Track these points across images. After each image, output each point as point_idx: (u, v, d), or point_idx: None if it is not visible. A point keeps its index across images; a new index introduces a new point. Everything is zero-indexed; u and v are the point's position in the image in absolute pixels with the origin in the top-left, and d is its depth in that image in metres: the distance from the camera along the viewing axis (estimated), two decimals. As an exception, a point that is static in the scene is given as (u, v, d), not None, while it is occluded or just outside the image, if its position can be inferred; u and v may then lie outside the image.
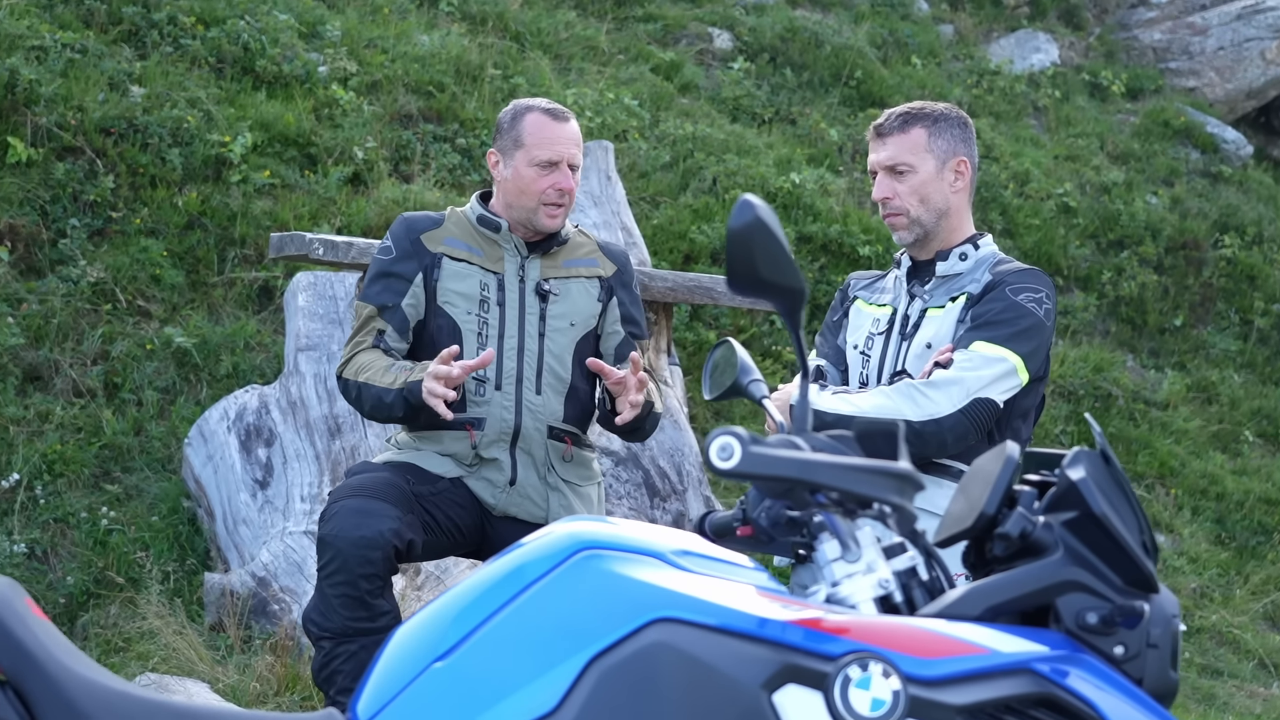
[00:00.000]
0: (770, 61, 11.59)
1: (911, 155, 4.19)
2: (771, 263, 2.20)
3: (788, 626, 2.27)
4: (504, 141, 4.56)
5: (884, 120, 4.26)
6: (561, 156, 4.50)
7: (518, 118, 4.56)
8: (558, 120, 4.55)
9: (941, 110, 4.24)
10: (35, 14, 8.74)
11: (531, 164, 4.48)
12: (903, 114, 4.24)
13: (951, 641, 2.29)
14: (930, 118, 4.21)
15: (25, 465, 6.98)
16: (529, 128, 4.52)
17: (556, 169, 4.49)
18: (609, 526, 2.44)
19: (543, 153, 4.48)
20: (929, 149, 4.18)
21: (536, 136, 4.50)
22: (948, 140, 4.20)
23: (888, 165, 4.21)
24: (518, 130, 4.52)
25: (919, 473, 2.22)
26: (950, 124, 4.22)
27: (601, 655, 2.27)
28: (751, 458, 2.10)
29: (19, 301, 7.63)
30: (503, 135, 4.57)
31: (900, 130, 4.20)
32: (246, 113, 8.79)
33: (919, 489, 2.23)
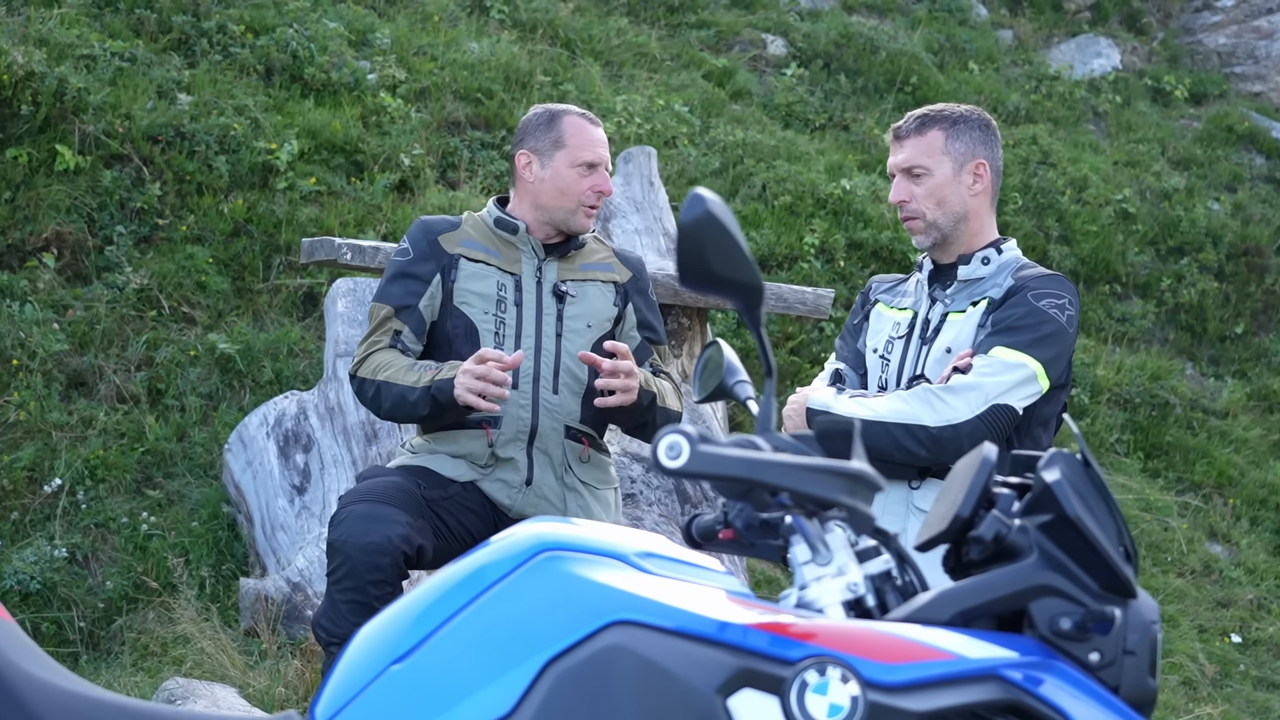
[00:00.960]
0: (824, 67, 11.52)
1: (927, 158, 4.12)
2: (725, 258, 2.15)
3: (747, 630, 2.22)
4: (539, 143, 4.54)
5: (902, 122, 4.20)
6: (602, 159, 4.54)
7: (554, 119, 4.56)
8: (594, 124, 4.60)
9: (961, 112, 4.17)
10: (85, 23, 8.82)
11: (574, 165, 4.49)
12: (920, 116, 4.17)
13: (916, 646, 2.23)
14: (948, 120, 4.14)
15: (68, 471, 7.02)
16: (570, 130, 4.53)
17: (596, 171, 4.52)
18: (572, 528, 2.40)
19: (585, 154, 4.50)
20: (946, 151, 4.11)
21: (579, 139, 4.52)
22: (966, 142, 4.12)
23: (904, 168, 4.15)
24: (557, 132, 4.52)
25: (873, 473, 2.16)
26: (969, 126, 4.15)
27: (558, 658, 2.23)
28: (700, 457, 2.05)
29: (65, 308, 7.68)
30: (537, 136, 4.55)
31: (917, 132, 4.14)
32: (294, 120, 8.82)
33: (874, 490, 2.18)
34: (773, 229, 9.48)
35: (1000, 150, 4.22)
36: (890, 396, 3.98)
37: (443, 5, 10.43)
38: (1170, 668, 7.73)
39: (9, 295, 7.56)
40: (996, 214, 4.28)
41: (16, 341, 7.32)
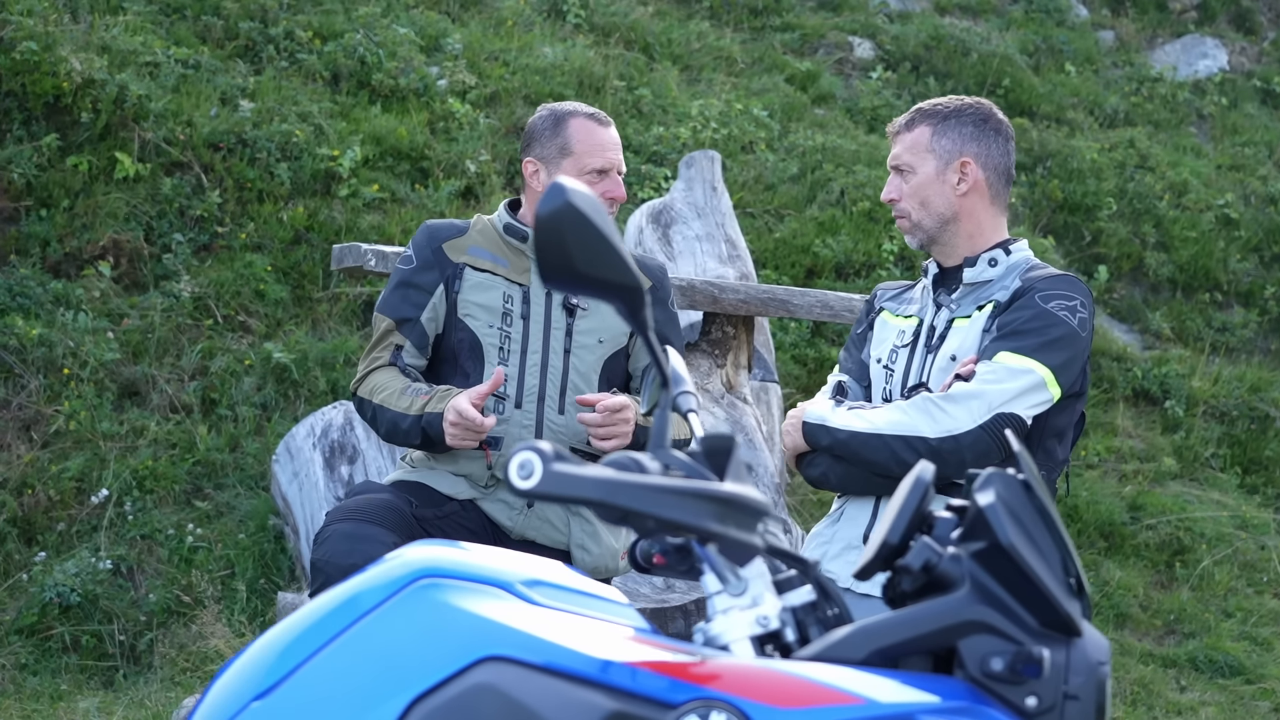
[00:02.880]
0: (913, 70, 11.23)
1: (912, 155, 3.89)
2: (591, 255, 1.93)
3: (628, 670, 1.99)
4: (545, 149, 4.28)
5: (899, 117, 3.97)
6: (612, 164, 4.26)
7: (560, 123, 4.29)
8: (603, 125, 4.30)
9: (956, 106, 3.91)
10: (150, 30, 8.76)
11: (582, 173, 4.21)
12: (914, 111, 3.95)
13: (819, 689, 1.99)
14: (939, 115, 3.89)
15: (115, 481, 6.93)
16: (576, 134, 4.25)
17: (607, 177, 4.25)
18: (458, 553, 2.18)
19: (594, 160, 4.22)
20: (930, 149, 3.87)
21: (586, 143, 4.24)
22: (953, 139, 3.87)
23: (893, 164, 3.93)
24: (563, 137, 4.25)
25: (751, 497, 1.92)
26: (962, 121, 3.89)
27: (424, 696, 2.01)
28: (553, 477, 1.83)
29: (120, 317, 7.60)
30: (543, 142, 4.29)
31: (907, 128, 3.92)
32: (360, 126, 8.71)
33: (756, 514, 1.94)
34: (850, 235, 9.21)
35: (1004, 145, 3.93)
36: (889, 407, 3.73)
37: (517, 10, 10.29)
38: (1262, 693, 7.37)
39: (64, 304, 7.50)
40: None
41: (68, 350, 7.26)
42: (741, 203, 9.25)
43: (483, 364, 4.17)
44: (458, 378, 4.23)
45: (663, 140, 9.37)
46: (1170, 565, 8.31)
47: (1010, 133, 4.00)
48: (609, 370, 4.28)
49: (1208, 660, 7.58)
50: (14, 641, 6.30)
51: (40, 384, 7.17)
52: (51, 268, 7.74)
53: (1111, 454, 9.02)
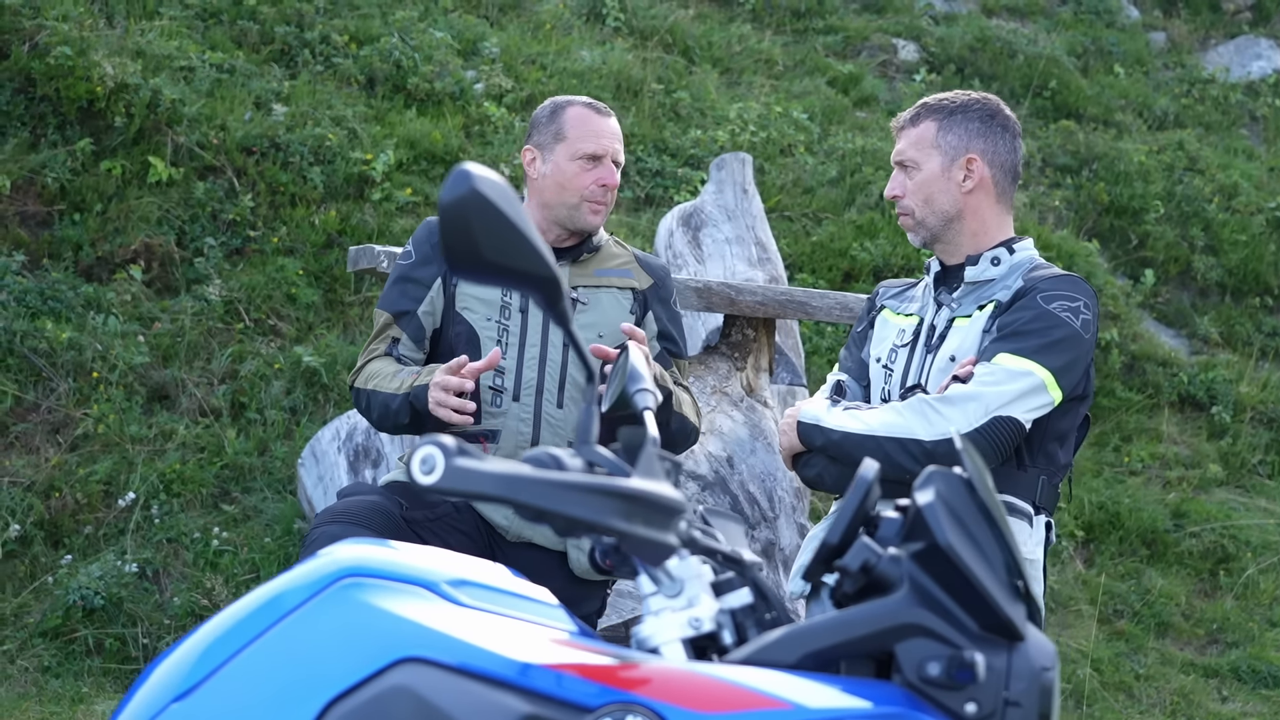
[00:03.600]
0: (957, 72, 11.12)
1: (916, 151, 3.81)
2: (497, 244, 1.87)
3: (548, 673, 1.93)
4: (542, 137, 4.27)
5: (903, 112, 3.89)
6: (606, 150, 4.22)
7: (557, 112, 4.28)
8: (600, 114, 4.28)
9: (963, 101, 3.83)
10: (186, 34, 8.78)
11: (574, 158, 4.20)
12: (919, 106, 3.87)
13: (744, 693, 1.92)
14: (945, 110, 3.81)
15: (143, 485, 6.92)
16: (571, 121, 4.24)
17: (600, 163, 4.21)
18: (384, 551, 2.13)
19: (587, 145, 4.20)
20: (935, 144, 3.79)
21: (580, 130, 4.22)
22: (959, 135, 3.78)
23: (897, 160, 3.85)
24: (558, 124, 4.24)
25: (664, 495, 1.86)
26: (969, 116, 3.80)
27: (340, 699, 1.96)
28: (455, 472, 1.77)
29: (151, 320, 7.61)
30: (540, 131, 4.29)
31: (911, 123, 3.83)
32: (394, 130, 8.69)
33: (671, 513, 1.87)
34: (888, 239, 9.11)
35: (1011, 141, 3.86)
36: (884, 408, 3.65)
37: (556, 13, 10.25)
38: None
39: (95, 307, 7.52)
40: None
41: (98, 354, 7.26)
42: (779, 206, 9.17)
43: (479, 357, 4.13)
44: None
45: (700, 143, 9.31)
46: (1214, 574, 8.17)
47: (1018, 129, 3.92)
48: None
49: (1251, 670, 7.43)
50: (37, 644, 6.30)
51: (69, 387, 7.18)
52: (84, 271, 7.76)
53: (1156, 460, 8.87)
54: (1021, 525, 3.65)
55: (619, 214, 8.84)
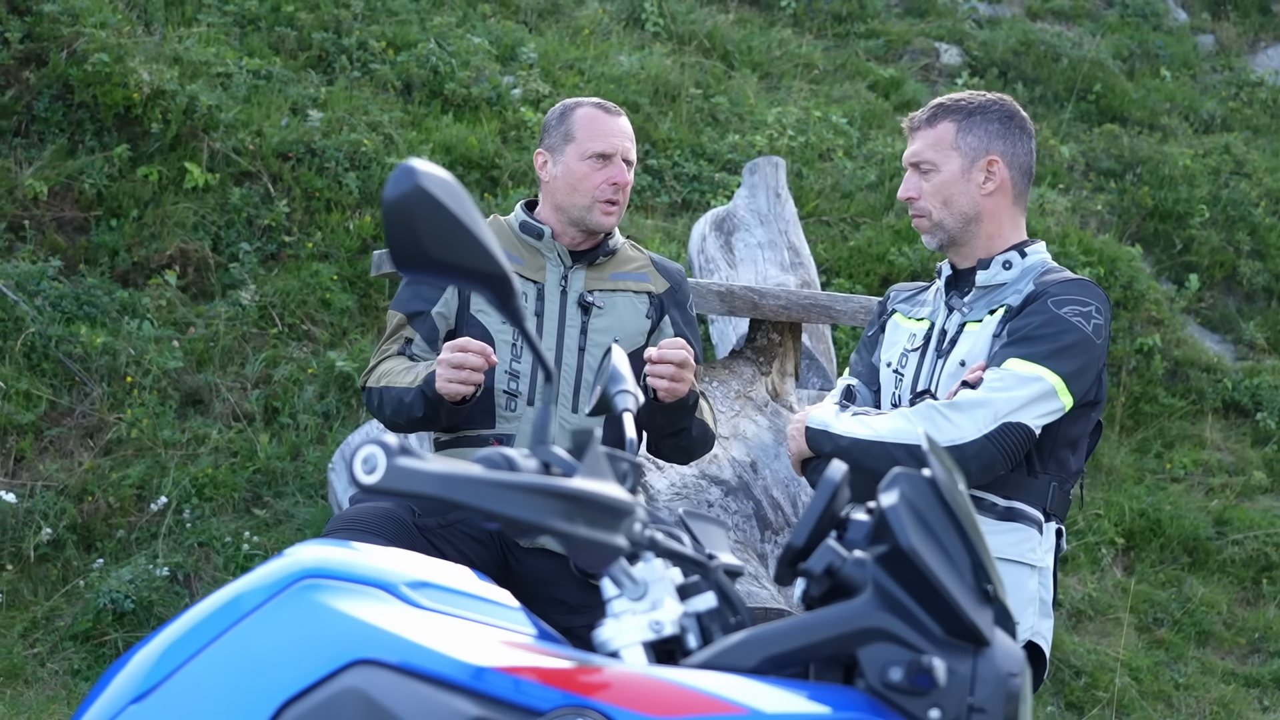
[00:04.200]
0: (1000, 76, 11.04)
1: (935, 152, 3.75)
2: (444, 241, 1.84)
3: (501, 676, 1.91)
4: (552, 139, 4.26)
5: (918, 112, 3.83)
6: (615, 149, 4.19)
7: (566, 113, 4.27)
8: (610, 113, 4.25)
9: (980, 102, 3.77)
10: (224, 41, 8.82)
11: (584, 158, 4.18)
12: (935, 106, 3.80)
13: (699, 697, 1.89)
14: (963, 111, 3.75)
15: (175, 489, 6.95)
16: (580, 121, 4.22)
17: (610, 163, 4.19)
18: (345, 553, 2.11)
19: (596, 145, 4.17)
20: (955, 145, 3.73)
21: (588, 129, 4.20)
22: (979, 136, 3.73)
23: (912, 161, 3.79)
24: (567, 125, 4.23)
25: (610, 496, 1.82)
26: (988, 117, 3.75)
27: (294, 700, 1.95)
28: (396, 472, 1.74)
29: (186, 325, 7.64)
30: (551, 133, 4.28)
31: (928, 124, 3.77)
32: (431, 135, 8.70)
33: (617, 514, 1.84)
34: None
35: (1028, 143, 3.81)
36: (893, 414, 3.60)
37: (595, 19, 10.24)
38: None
39: (130, 312, 7.55)
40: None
41: (131, 359, 7.30)
42: (817, 211, 9.13)
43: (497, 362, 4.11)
44: None
45: (737, 148, 9.28)
46: (1257, 582, 8.06)
47: (1032, 130, 3.88)
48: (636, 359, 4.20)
49: (1293, 680, 7.34)
50: (68, 647, 6.33)
51: (103, 392, 7.22)
52: (119, 277, 7.80)
53: (1198, 467, 8.76)
54: (1030, 533, 3.61)
55: (655, 219, 8.82)
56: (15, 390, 7.07)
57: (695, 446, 4.23)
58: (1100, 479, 8.53)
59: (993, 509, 3.60)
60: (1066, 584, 7.77)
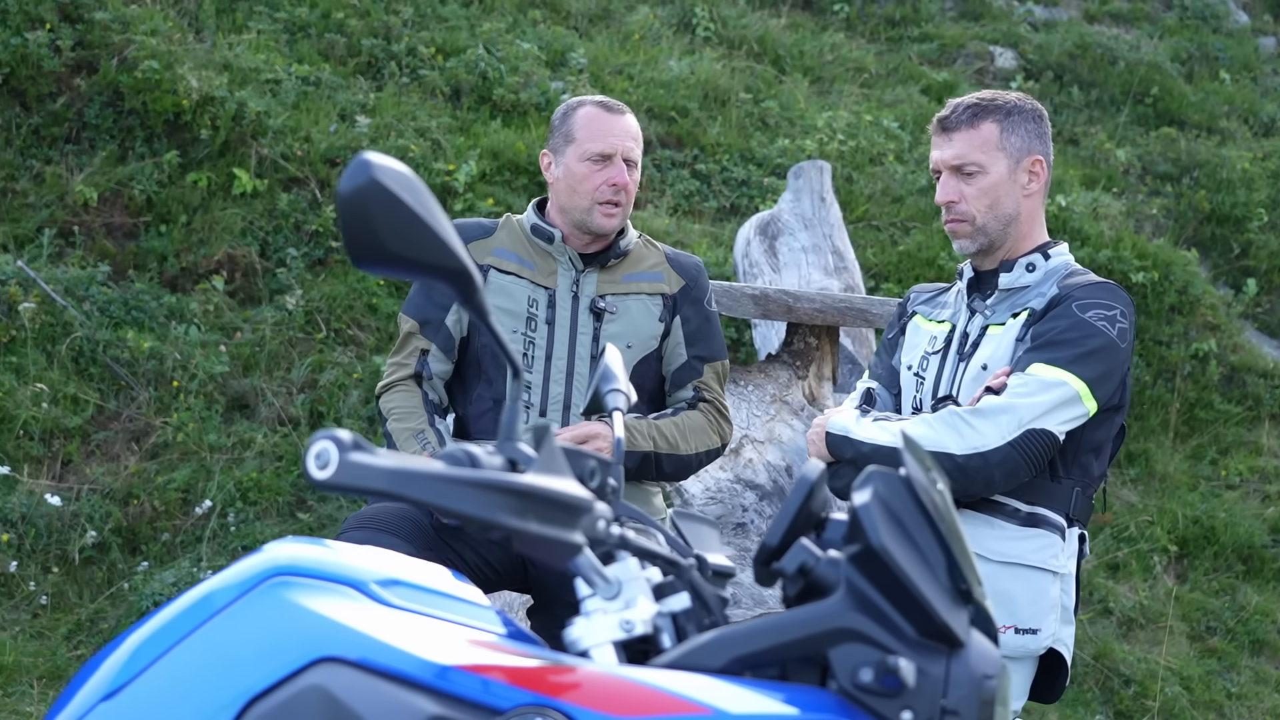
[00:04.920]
0: (1055, 79, 10.94)
1: (982, 154, 3.65)
2: (401, 235, 1.82)
3: (464, 674, 1.90)
4: (555, 139, 4.22)
5: (950, 113, 3.74)
6: (615, 149, 4.12)
7: (569, 113, 4.21)
8: (612, 112, 4.18)
9: (1014, 101, 3.71)
10: (274, 48, 8.87)
11: (583, 159, 4.12)
12: (972, 105, 3.71)
13: (663, 697, 1.87)
14: (1003, 110, 3.67)
15: (220, 493, 6.98)
16: (581, 121, 4.16)
17: (610, 163, 4.12)
18: (317, 550, 2.10)
19: (595, 145, 4.11)
20: (1001, 146, 3.65)
21: (589, 129, 4.14)
22: (1022, 136, 3.67)
23: (954, 165, 3.69)
24: (569, 125, 4.17)
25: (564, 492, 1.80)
26: (1025, 117, 3.69)
27: (260, 698, 1.94)
28: (349, 467, 1.72)
29: (233, 330, 7.68)
30: (554, 133, 4.23)
31: (969, 125, 3.67)
32: (478, 141, 8.71)
33: (573, 511, 1.81)
34: (978, 248, 8.97)
35: (1052, 144, 3.76)
36: (915, 420, 3.55)
37: (645, 24, 10.23)
38: None
39: (177, 317, 7.60)
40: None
41: (178, 363, 7.34)
42: (866, 215, 9.08)
43: (506, 370, 4.08)
44: (481, 384, 4.15)
45: (786, 152, 9.24)
46: (1313, 591, 7.95)
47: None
48: (639, 375, 4.16)
49: (1348, 691, 7.23)
50: (111, 650, 6.37)
51: (150, 396, 7.26)
52: (168, 282, 7.85)
53: (1255, 474, 8.65)
54: (1053, 538, 3.55)
55: (703, 223, 8.80)
56: (63, 394, 7.13)
57: (681, 474, 4.21)
58: (1154, 485, 8.44)
59: (1015, 515, 3.55)
60: (1117, 591, 7.68)
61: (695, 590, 2.07)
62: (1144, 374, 8.85)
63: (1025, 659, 3.57)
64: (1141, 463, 8.56)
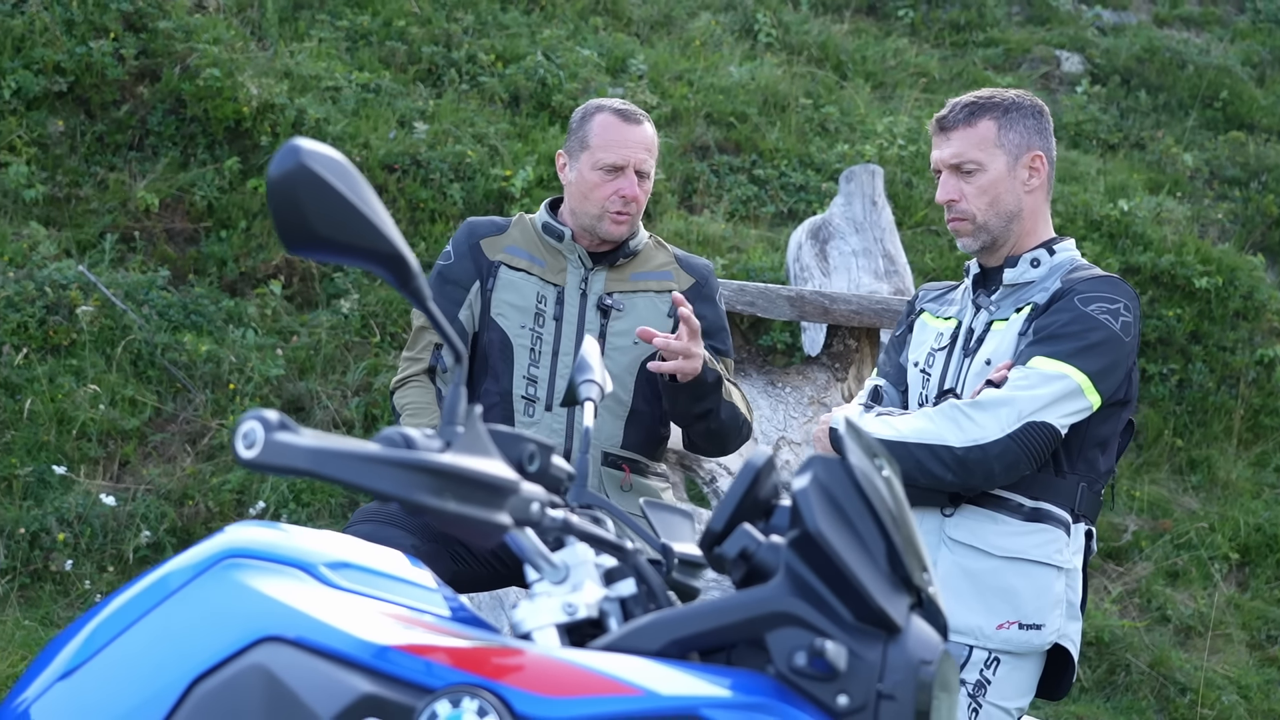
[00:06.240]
0: (1123, 84, 10.85)
1: (979, 151, 3.67)
2: (331, 220, 1.84)
3: (401, 654, 1.92)
4: (571, 142, 4.25)
5: (948, 112, 3.76)
6: (628, 161, 4.14)
7: (587, 117, 4.24)
8: (628, 122, 4.19)
9: (1013, 98, 3.72)
10: (335, 56, 8.97)
11: (595, 167, 4.15)
12: (969, 104, 3.73)
13: (594, 678, 1.89)
14: (1000, 107, 3.69)
15: (273, 494, 7.07)
16: (596, 128, 4.18)
17: (622, 174, 4.15)
18: (270, 533, 2.14)
19: (608, 155, 4.14)
20: (999, 143, 3.66)
21: (603, 138, 4.16)
22: (1020, 132, 3.67)
23: (953, 163, 3.70)
24: (585, 131, 4.20)
25: (489, 474, 1.81)
26: (1023, 113, 3.69)
27: (204, 677, 1.98)
28: (273, 447, 1.75)
29: (290, 334, 7.77)
30: (571, 135, 4.27)
31: (966, 123, 3.69)
32: (536, 147, 8.77)
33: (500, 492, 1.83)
34: (1037, 253, 8.91)
35: (1054, 139, 3.76)
36: (916, 414, 3.55)
37: (707, 30, 10.25)
38: None
39: (235, 321, 7.70)
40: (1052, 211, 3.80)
41: (234, 366, 7.44)
42: (925, 220, 9.05)
43: (513, 365, 4.11)
44: (488, 379, 4.19)
45: (845, 158, 9.22)
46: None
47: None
48: (645, 371, 4.18)
49: None
50: (163, 648, 6.46)
51: (206, 399, 7.36)
52: (227, 287, 7.96)
53: (1316, 478, 8.54)
54: (1057, 534, 3.54)
55: (760, 228, 8.80)
56: (121, 397, 7.24)
57: (727, 432, 4.17)
58: (1215, 493, 8.35)
59: (1019, 510, 3.54)
60: (1174, 599, 7.60)
61: (641, 576, 2.08)
62: (1207, 380, 8.76)
63: (1031, 655, 3.55)
64: (1204, 469, 8.47)
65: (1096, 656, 7.18)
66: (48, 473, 6.82)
